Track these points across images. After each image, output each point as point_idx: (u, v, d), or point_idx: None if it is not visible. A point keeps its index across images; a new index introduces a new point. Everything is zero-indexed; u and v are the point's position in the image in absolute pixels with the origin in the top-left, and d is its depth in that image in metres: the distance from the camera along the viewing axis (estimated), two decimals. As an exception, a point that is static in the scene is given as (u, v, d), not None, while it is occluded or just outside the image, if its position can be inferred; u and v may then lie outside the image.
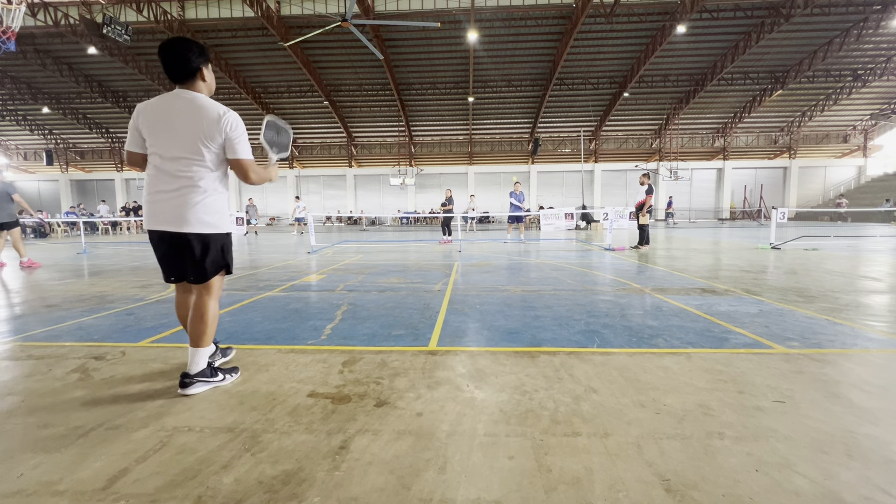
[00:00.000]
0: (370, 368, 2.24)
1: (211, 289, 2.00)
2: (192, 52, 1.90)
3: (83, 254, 9.11)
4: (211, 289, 2.00)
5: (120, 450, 1.50)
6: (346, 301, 3.93)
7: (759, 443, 1.49)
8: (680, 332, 2.81)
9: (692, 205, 30.18)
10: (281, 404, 1.84)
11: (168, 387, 2.02)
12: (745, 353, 2.41)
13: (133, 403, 1.87)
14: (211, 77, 2.00)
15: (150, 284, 5.02)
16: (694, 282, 4.74)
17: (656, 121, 28.31)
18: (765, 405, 1.78)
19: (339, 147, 30.85)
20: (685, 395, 1.87)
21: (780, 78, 23.39)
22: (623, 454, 1.44)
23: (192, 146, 1.85)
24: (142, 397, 1.93)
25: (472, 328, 3.00)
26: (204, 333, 1.96)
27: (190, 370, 1.96)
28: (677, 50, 21.28)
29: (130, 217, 16.90)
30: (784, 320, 3.08)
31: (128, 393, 1.98)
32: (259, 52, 21.75)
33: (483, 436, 1.57)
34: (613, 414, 1.71)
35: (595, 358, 2.35)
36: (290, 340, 2.74)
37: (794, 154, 29.15)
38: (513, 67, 23.06)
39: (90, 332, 3.02)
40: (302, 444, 1.52)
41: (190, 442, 1.54)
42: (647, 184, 8.97)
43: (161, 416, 1.75)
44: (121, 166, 31.09)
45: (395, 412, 1.76)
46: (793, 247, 8.57)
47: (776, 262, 6.45)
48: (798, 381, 2.01)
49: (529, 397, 1.88)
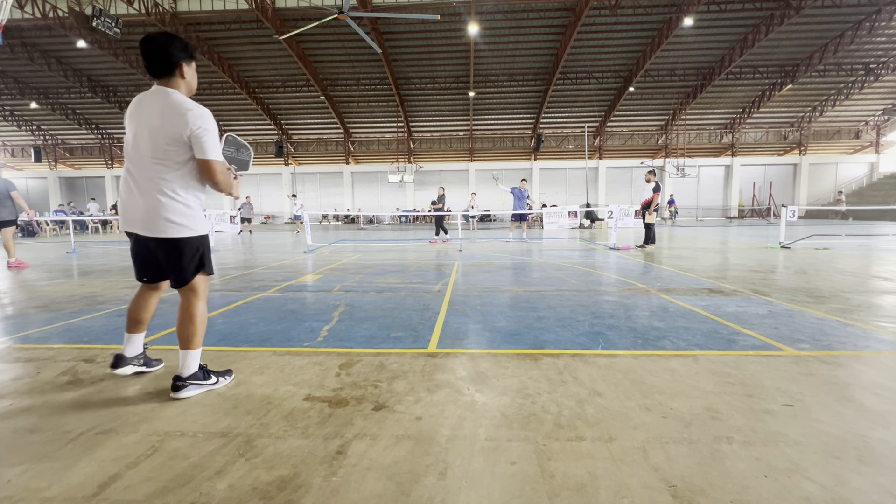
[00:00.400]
0: (368, 371, 2.24)
1: (196, 290, 1.99)
2: (173, 46, 1.89)
3: (72, 253, 9.11)
4: (196, 290, 1.99)
5: (110, 455, 1.50)
6: (343, 302, 3.93)
7: (769, 447, 1.49)
8: (687, 334, 2.81)
9: (699, 203, 30.17)
10: (276, 408, 1.84)
11: (160, 390, 2.02)
12: (753, 355, 2.41)
13: (124, 407, 1.87)
14: (192, 75, 1.98)
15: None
16: (701, 282, 4.74)
17: (662, 116, 28.30)
18: (774, 409, 1.78)
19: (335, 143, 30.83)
20: (692, 399, 1.87)
21: (790, 72, 23.38)
22: (628, 459, 1.44)
23: (158, 145, 1.84)
24: (133, 401, 1.93)
25: (473, 329, 3.00)
26: (194, 335, 1.97)
27: (182, 373, 1.96)
28: (684, 43, 21.26)
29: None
30: (794, 321, 3.08)
31: (118, 396, 1.98)
32: (253, 46, 21.74)
33: (484, 440, 1.57)
34: (618, 418, 1.71)
35: (599, 360, 2.35)
36: (285, 342, 2.74)
37: (805, 150, 29.14)
38: (515, 61, 23.04)
39: (80, 333, 3.02)
40: (298, 449, 1.52)
41: (183, 447, 1.54)
42: (654, 181, 8.97)
43: (153, 420, 1.75)
44: (111, 163, 31.09)
45: (394, 416, 1.76)
46: (803, 246, 8.57)
47: (786, 261, 6.45)
48: (808, 384, 2.01)
49: (532, 401, 1.88)
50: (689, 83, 24.82)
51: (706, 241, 10.36)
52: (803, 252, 7.59)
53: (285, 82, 25.12)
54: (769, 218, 26.73)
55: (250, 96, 25.26)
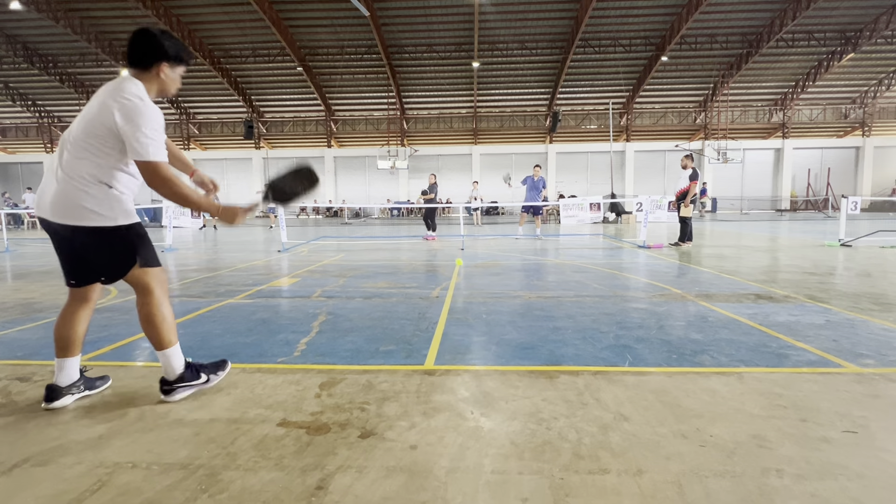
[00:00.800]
0: (353, 392, 2.24)
1: (145, 287, 2.07)
2: (163, 44, 2.01)
3: (5, 252, 9.11)
4: (145, 287, 2.07)
5: (49, 490, 1.50)
6: (324, 310, 3.93)
7: (826, 482, 1.49)
8: (730, 348, 2.81)
9: (744, 193, 30.19)
10: (245, 435, 1.84)
11: (110, 415, 2.02)
12: (808, 372, 2.41)
13: (66, 434, 1.86)
14: (171, 77, 2.09)
15: (87, 290, 5.01)
16: (747, 286, 4.74)
17: (701, 91, 28.31)
18: (833, 436, 1.78)
19: (315, 123, 30.88)
20: (736, 424, 1.87)
21: (852, 39, 23.38)
22: (660, 496, 1.44)
23: (88, 129, 1.93)
24: (77, 426, 1.93)
25: (478, 342, 3.00)
26: (160, 335, 2.07)
27: (167, 375, 2.07)
28: (727, 4, 21.27)
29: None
30: (856, 333, 3.08)
31: (59, 421, 1.98)
32: (219, 8, 21.77)
33: (490, 473, 1.57)
34: (649, 447, 1.71)
35: (627, 379, 2.35)
36: (256, 358, 2.74)
37: (869, 131, 29.16)
38: (526, 26, 23.05)
39: (13, 347, 3.01)
40: (270, 484, 1.52)
41: (135, 481, 1.54)
42: (691, 167, 8.97)
43: (100, 448, 1.75)
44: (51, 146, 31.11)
45: (384, 444, 1.76)
46: (867, 244, 8.58)
47: (846, 262, 6.46)
48: (873, 408, 2.01)
49: (547, 426, 1.88)
50: (733, 52, 24.83)
51: (752, 239, 10.37)
52: (867, 251, 7.59)
53: (256, 51, 25.14)
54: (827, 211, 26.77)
55: (214, 67, 25.27)
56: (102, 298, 4.53)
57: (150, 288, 2.08)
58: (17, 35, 23.78)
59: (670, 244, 9.08)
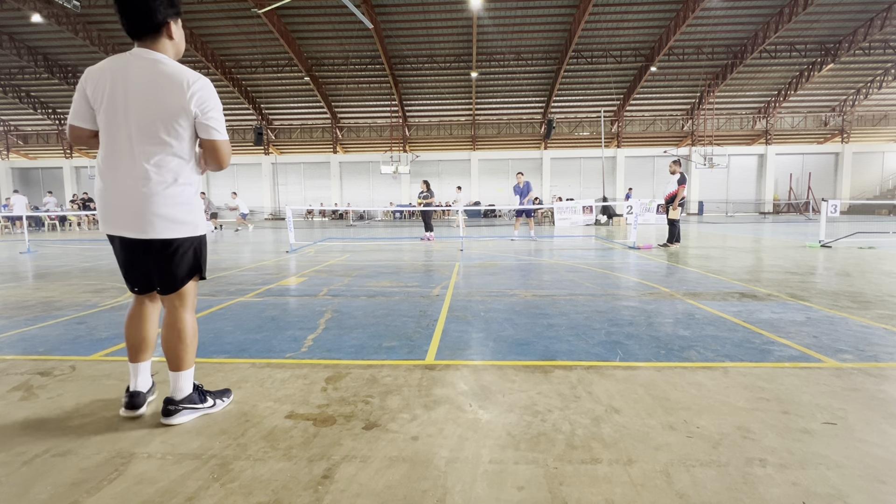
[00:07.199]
0: (358, 385, 2.24)
1: (185, 299, 1.88)
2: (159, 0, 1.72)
3: (27, 253, 9.11)
4: (185, 299, 1.88)
5: (68, 479, 1.50)
6: (330, 308, 3.93)
7: (807, 471, 1.49)
8: (715, 344, 2.81)
9: (729, 196, 30.20)
10: (255, 427, 1.84)
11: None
12: (790, 367, 2.41)
13: (84, 426, 1.86)
14: (180, 35, 1.84)
15: (104, 289, 5.02)
16: (732, 285, 4.75)
17: (688, 100, 28.31)
18: (813, 427, 1.78)
19: (321, 130, 30.86)
20: (721, 416, 1.87)
21: (832, 50, 23.39)
22: (650, 484, 1.44)
23: (154, 124, 1.69)
24: (94, 419, 1.93)
25: (476, 339, 3.00)
26: (185, 354, 1.86)
27: (174, 395, 1.87)
28: (713, 17, 21.28)
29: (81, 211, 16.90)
30: (836, 329, 3.09)
31: (78, 413, 1.98)
32: (230, 21, 21.76)
33: (488, 463, 1.57)
34: (639, 438, 1.72)
35: (617, 373, 2.36)
36: (265, 353, 2.74)
37: (848, 138, 29.17)
38: (523, 37, 23.06)
39: (35, 343, 3.01)
40: (279, 473, 1.52)
41: (149, 471, 1.54)
42: (679, 172, 8.98)
43: (116, 440, 1.75)
44: (70, 152, 31.10)
45: (387, 436, 1.76)
46: (846, 245, 8.58)
47: (826, 262, 6.46)
48: (852, 400, 2.01)
49: (542, 418, 1.88)
50: (718, 62, 24.84)
51: (737, 240, 10.37)
52: (846, 252, 7.60)
53: (265, 61, 25.14)
54: (808, 213, 26.76)
55: (226, 77, 25.27)
56: (118, 297, 4.53)
57: (188, 300, 1.88)
58: (39, 47, 23.77)
59: (659, 245, 9.08)
